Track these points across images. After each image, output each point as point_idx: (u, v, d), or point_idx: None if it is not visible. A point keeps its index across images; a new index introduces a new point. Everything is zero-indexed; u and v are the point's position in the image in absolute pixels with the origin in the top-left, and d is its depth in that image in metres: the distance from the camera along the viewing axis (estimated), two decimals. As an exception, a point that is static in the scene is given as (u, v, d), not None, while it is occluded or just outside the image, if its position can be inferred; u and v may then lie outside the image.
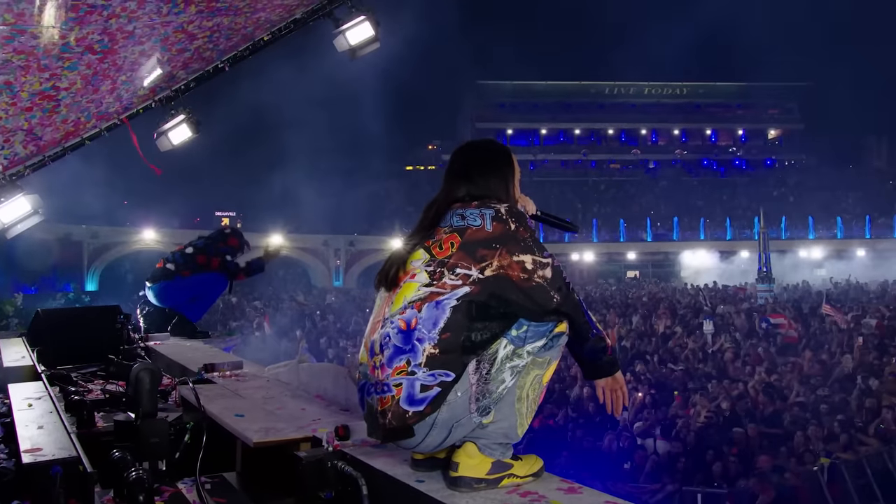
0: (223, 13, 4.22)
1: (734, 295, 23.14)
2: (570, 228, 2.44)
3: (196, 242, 5.51)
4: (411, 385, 1.80)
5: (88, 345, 4.03)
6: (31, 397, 2.69)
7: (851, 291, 24.97)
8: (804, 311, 17.25)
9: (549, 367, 1.90)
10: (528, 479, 1.92)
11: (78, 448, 2.01)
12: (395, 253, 2.00)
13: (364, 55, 5.23)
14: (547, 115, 56.48)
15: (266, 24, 4.66)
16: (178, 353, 4.28)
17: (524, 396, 1.86)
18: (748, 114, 58.15)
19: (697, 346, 13.24)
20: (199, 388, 2.96)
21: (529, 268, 1.83)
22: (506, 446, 1.89)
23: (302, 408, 2.84)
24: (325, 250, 37.75)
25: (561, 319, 1.88)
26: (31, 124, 4.12)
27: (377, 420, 1.88)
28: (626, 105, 57.38)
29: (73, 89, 4.01)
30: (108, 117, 4.84)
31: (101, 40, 3.73)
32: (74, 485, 1.86)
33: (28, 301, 11.17)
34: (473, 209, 1.93)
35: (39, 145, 4.57)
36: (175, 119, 5.25)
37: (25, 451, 1.97)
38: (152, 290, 5.33)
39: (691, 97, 57.96)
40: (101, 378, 3.69)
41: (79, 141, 4.87)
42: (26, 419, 2.37)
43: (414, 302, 1.84)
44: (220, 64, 4.95)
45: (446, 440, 1.86)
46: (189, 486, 2.39)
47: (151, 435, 2.41)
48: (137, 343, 4.37)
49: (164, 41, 4.17)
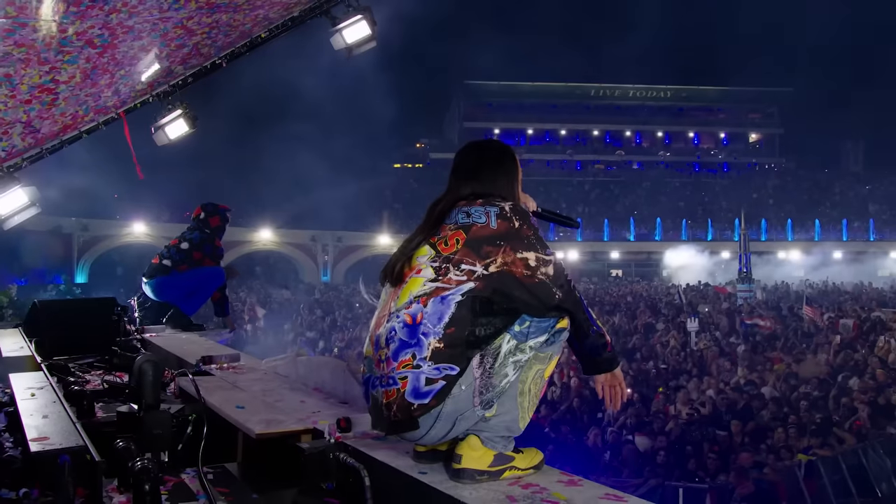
0: (223, 10, 4.24)
1: (715, 294, 23.42)
2: (570, 224, 2.51)
3: (191, 237, 5.54)
4: (417, 378, 1.83)
5: (85, 336, 4.05)
6: (34, 387, 2.70)
7: (828, 293, 25.38)
8: (783, 311, 17.55)
9: (551, 362, 1.95)
10: (529, 472, 1.96)
11: (84, 437, 2.03)
12: (400, 249, 2.03)
13: (359, 54, 5.27)
14: (533, 115, 56.75)
15: (264, 21, 4.69)
16: (175, 346, 4.31)
17: (526, 390, 1.91)
18: (730, 117, 58.92)
19: (679, 343, 13.44)
20: (198, 379, 3.01)
21: (533, 265, 1.88)
22: (508, 439, 1.94)
23: (301, 400, 2.89)
24: (314, 246, 37.72)
25: (562, 316, 1.92)
26: (30, 117, 4.12)
27: (382, 412, 1.92)
28: (611, 107, 57.80)
29: (72, 83, 4.01)
30: (106, 111, 4.84)
31: (101, 34, 3.74)
32: (83, 473, 1.88)
33: (21, 292, 11.08)
34: (478, 207, 1.97)
35: (37, 138, 4.56)
36: (172, 114, 5.26)
37: (33, 440, 1.98)
38: (149, 286, 5.35)
39: (675, 100, 58.55)
40: (99, 369, 3.71)
41: (76, 134, 4.87)
42: (30, 408, 2.39)
43: (419, 297, 1.88)
44: (217, 60, 4.97)
45: (450, 433, 1.90)
46: (192, 476, 2.42)
47: (154, 426, 2.45)
48: (133, 335, 4.40)
49: (164, 36, 4.19)
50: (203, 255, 5.50)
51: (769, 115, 59.20)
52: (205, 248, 5.52)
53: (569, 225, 2.52)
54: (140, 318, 5.20)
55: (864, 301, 20.48)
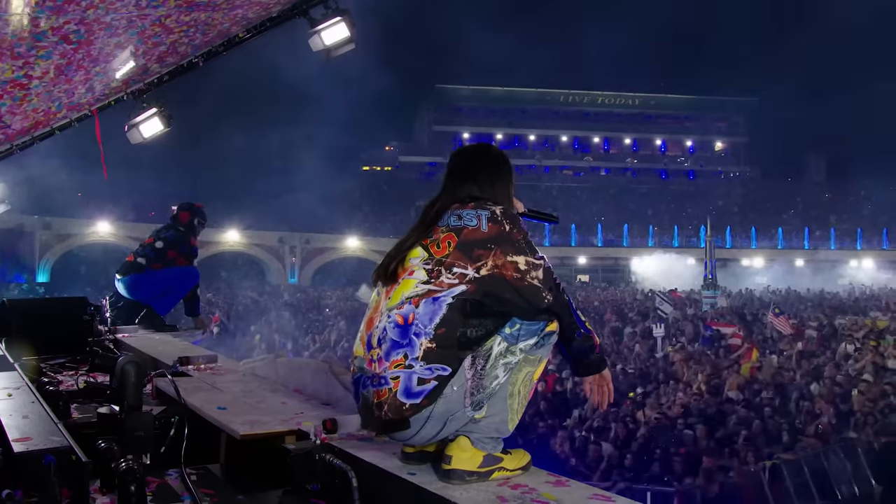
0: (201, 8, 4.20)
1: (680, 300, 23.74)
2: (552, 220, 2.58)
3: (166, 235, 5.48)
4: (409, 378, 1.85)
5: (56, 336, 3.98)
6: (10, 387, 2.65)
7: (790, 300, 25.96)
8: (747, 317, 17.90)
9: (540, 364, 1.99)
10: (518, 473, 1.99)
11: (69, 438, 2.01)
12: (394, 248, 2.05)
13: (337, 56, 5.27)
14: (503, 120, 57.21)
15: (243, 20, 4.65)
16: (149, 346, 4.25)
17: (516, 392, 1.94)
18: (696, 126, 60.05)
19: (645, 350, 13.62)
20: (177, 380, 2.97)
21: (523, 268, 1.91)
22: (497, 440, 1.96)
23: (283, 401, 2.87)
24: (281, 247, 37.43)
25: (551, 319, 1.96)
26: (1, 112, 4.04)
27: (373, 412, 1.93)
28: (579, 113, 58.54)
29: (45, 78, 3.94)
30: (80, 108, 4.76)
31: (77, 30, 3.69)
32: (68, 474, 1.87)
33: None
34: (470, 210, 2.00)
35: (8, 133, 4.47)
36: (147, 112, 5.19)
37: (16, 441, 1.95)
38: (122, 283, 5.27)
39: (643, 108, 59.49)
40: (71, 369, 3.65)
41: (48, 131, 4.78)
42: (9, 409, 2.34)
43: (411, 298, 1.90)
44: (194, 59, 4.91)
45: (440, 433, 1.92)
46: (174, 477, 2.40)
47: (136, 428, 2.41)
48: (106, 335, 4.33)
49: (141, 34, 4.14)
50: (177, 253, 5.45)
51: (735, 124, 60.49)
52: (180, 246, 5.47)
53: (550, 221, 2.58)
54: (112, 318, 5.12)
55: (824, 308, 20.98)
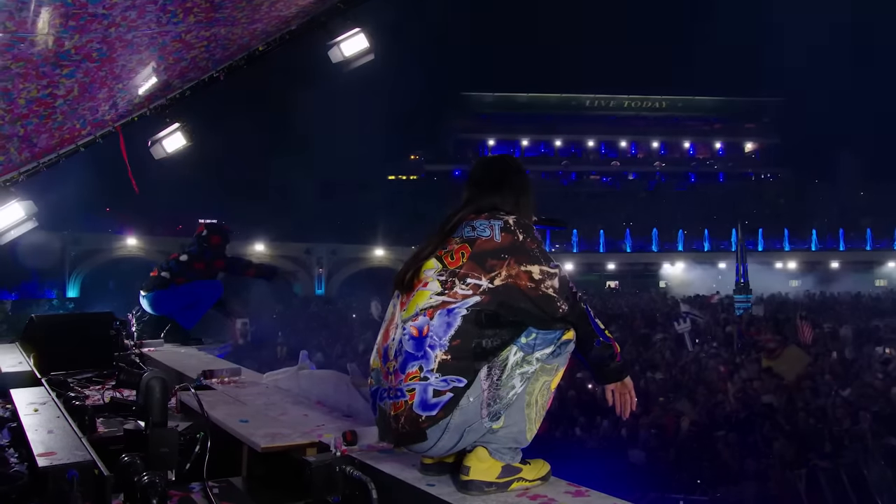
0: (221, 24, 4.25)
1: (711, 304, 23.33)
2: (560, 225, 2.56)
3: (190, 249, 5.53)
4: (424, 390, 1.84)
5: (83, 351, 4.04)
6: (36, 402, 2.69)
7: (826, 302, 25.41)
8: (780, 322, 17.54)
9: (557, 373, 1.96)
10: (537, 483, 1.97)
11: (92, 452, 2.03)
12: (411, 257, 2.04)
13: (357, 66, 5.29)
14: (528, 126, 57.08)
15: (262, 34, 4.70)
16: (174, 360, 4.29)
17: (533, 402, 1.92)
18: (725, 128, 59.24)
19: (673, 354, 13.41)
20: (200, 394, 2.99)
21: (537, 278, 1.89)
22: (515, 451, 1.94)
23: (304, 414, 2.88)
24: (308, 259, 37.67)
25: (568, 327, 1.94)
26: (27, 131, 4.12)
27: (390, 424, 1.92)
28: (606, 118, 58.16)
29: (69, 97, 4.01)
30: (103, 125, 4.84)
31: (99, 48, 3.75)
32: (90, 488, 1.88)
33: (14, 307, 11.05)
34: (483, 220, 1.98)
35: (34, 152, 4.56)
36: (169, 127, 5.27)
37: (40, 455, 1.97)
38: (147, 299, 5.33)
39: (670, 111, 58.92)
40: (98, 384, 3.69)
41: (73, 148, 4.87)
42: (35, 424, 2.37)
43: (426, 309, 1.89)
44: (215, 73, 4.98)
45: (457, 444, 1.90)
46: (196, 491, 2.41)
47: (161, 445, 2.41)
48: (132, 350, 4.38)
49: (162, 50, 4.20)
50: (206, 262, 5.49)
51: (765, 125, 59.52)
52: (206, 255, 5.51)
53: (559, 226, 2.56)
54: (138, 332, 5.18)
55: (861, 311, 20.51)
